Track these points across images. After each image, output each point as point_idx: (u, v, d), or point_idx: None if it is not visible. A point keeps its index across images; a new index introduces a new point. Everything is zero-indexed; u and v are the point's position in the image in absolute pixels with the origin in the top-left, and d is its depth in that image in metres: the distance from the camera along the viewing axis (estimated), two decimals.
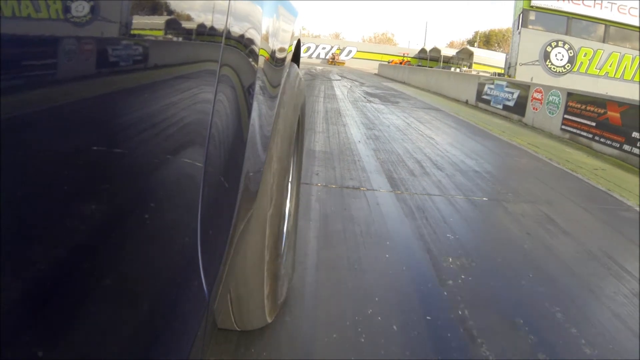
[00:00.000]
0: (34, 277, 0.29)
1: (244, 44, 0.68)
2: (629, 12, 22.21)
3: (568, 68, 22.30)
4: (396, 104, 8.74)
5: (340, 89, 11.44)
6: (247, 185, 0.75)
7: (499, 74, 22.42)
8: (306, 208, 2.33)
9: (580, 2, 21.90)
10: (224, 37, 0.57)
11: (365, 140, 4.52)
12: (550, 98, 7.46)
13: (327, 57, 45.84)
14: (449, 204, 2.71)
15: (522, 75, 20.06)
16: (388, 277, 1.71)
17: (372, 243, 2.01)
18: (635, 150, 5.40)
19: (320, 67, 27.92)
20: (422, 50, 42.30)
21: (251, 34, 0.71)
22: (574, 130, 6.66)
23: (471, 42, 57.30)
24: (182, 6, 0.46)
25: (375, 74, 25.96)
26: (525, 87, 8.43)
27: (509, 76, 20.75)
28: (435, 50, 38.76)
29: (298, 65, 1.51)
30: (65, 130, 0.31)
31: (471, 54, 33.80)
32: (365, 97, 9.65)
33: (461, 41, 67.92)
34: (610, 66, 22.59)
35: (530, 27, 22.02)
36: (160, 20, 0.42)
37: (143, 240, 0.42)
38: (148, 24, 0.40)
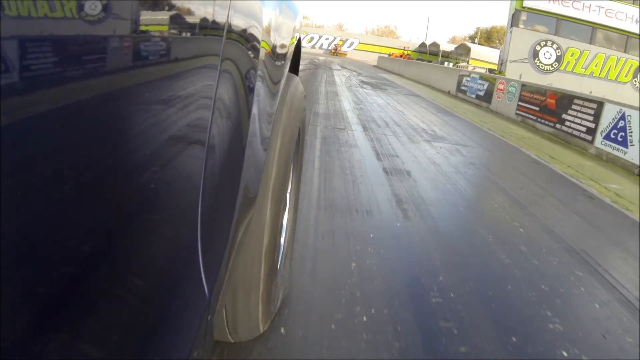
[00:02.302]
0: (33, 277, 0.29)
1: (246, 39, 0.69)
2: (615, 16, 23.84)
3: (555, 66, 23.88)
4: (384, 90, 10.66)
5: (340, 77, 13.34)
6: (247, 188, 0.76)
7: (492, 70, 24.22)
8: (314, 133, 4.25)
9: (570, 5, 23.52)
10: (225, 32, 0.57)
11: (353, 109, 6.48)
12: (510, 89, 9.31)
13: (330, 47, 47.59)
14: (396, 139, 4.65)
15: (512, 72, 21.59)
16: (354, 157, 3.65)
17: (348, 146, 3.97)
18: (564, 128, 7.25)
19: (323, 58, 29.88)
20: (422, 45, 44.06)
21: (252, 28, 0.72)
22: (525, 114, 8.52)
23: (472, 38, 58.98)
24: (184, 2, 0.46)
25: (374, 65, 27.85)
26: (493, 80, 10.30)
27: (499, 72, 22.46)
28: (435, 45, 40.53)
29: (297, 73, 1.58)
30: (65, 129, 0.31)
31: (469, 50, 35.53)
32: (359, 84, 11.57)
33: (463, 36, 69.77)
34: (595, 66, 24.21)
35: (521, 26, 23.61)
36: (161, 15, 0.42)
37: (143, 239, 0.43)
38: (148, 20, 0.40)
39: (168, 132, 0.46)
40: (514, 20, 22.94)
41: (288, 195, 1.38)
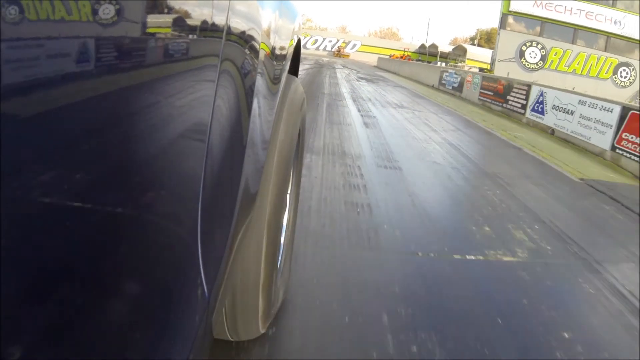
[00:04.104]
0: (33, 277, 0.30)
1: (244, 40, 0.70)
2: (595, 18, 26.18)
3: (540, 65, 26.14)
4: (376, 83, 13.48)
5: (341, 74, 16.18)
6: (247, 188, 0.78)
7: (481, 69, 26.77)
8: (322, 101, 7.05)
9: (553, 8, 25.91)
10: (224, 33, 0.59)
11: (348, 92, 9.35)
12: (475, 80, 11.99)
13: (333, 49, 50.55)
14: (373, 106, 7.46)
15: (500, 70, 23.81)
16: (345, 110, 6.48)
17: (342, 106, 6.85)
18: (508, 106, 9.89)
19: (327, 59, 32.89)
20: (422, 46, 46.82)
21: (251, 29, 0.74)
22: (484, 99, 11.18)
23: (473, 39, 61.65)
24: (183, 4, 0.48)
25: (374, 66, 30.71)
26: (464, 74, 12.99)
27: (488, 70, 24.92)
28: (433, 46, 43.26)
29: (296, 75, 1.65)
30: (68, 128, 0.32)
31: (465, 51, 38.19)
32: (356, 79, 14.41)
33: (464, 38, 72.57)
34: (577, 64, 26.50)
35: (508, 28, 25.99)
36: (160, 18, 0.43)
37: (143, 238, 0.44)
38: (149, 23, 0.41)
39: (168, 132, 0.47)
40: (502, 22, 25.41)
41: (288, 196, 1.39)
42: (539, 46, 25.77)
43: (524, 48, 25.76)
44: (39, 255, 0.30)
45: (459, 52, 39.23)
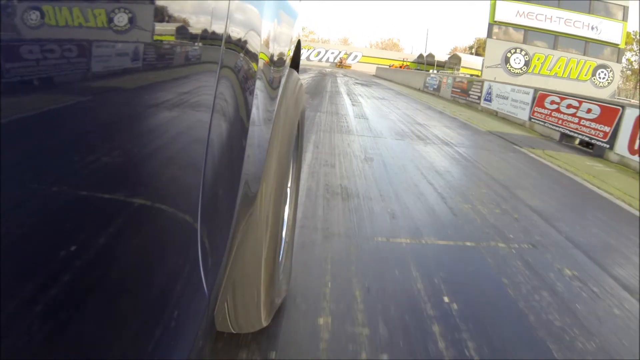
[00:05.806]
0: (33, 277, 0.30)
1: (241, 47, 0.73)
2: (573, 24, 29.04)
3: (524, 70, 28.77)
4: (369, 87, 16.92)
5: (341, 80, 19.73)
6: (247, 187, 0.80)
7: (471, 75, 29.86)
8: (325, 95, 10.41)
9: (534, 17, 28.81)
10: (223, 41, 0.62)
11: (345, 91, 12.76)
12: (448, 81, 15.24)
13: (335, 61, 54.17)
14: (362, 98, 10.91)
15: (488, 75, 26.41)
16: (341, 99, 9.88)
17: (339, 97, 10.30)
18: (469, 99, 13.09)
19: (329, 69, 36.65)
20: (420, 56, 50.29)
21: (250, 36, 0.76)
22: (455, 95, 14.41)
23: (471, 48, 65.09)
24: (183, 12, 0.50)
25: (372, 75, 34.23)
26: (441, 77, 16.27)
27: (478, 76, 27.88)
28: (431, 56, 46.69)
29: (297, 70, 1.69)
30: (67, 130, 0.33)
31: (460, 60, 41.49)
32: (354, 84, 17.89)
33: (463, 47, 76.21)
34: (558, 68, 29.14)
35: (494, 37, 28.87)
36: (163, 27, 0.46)
37: (143, 240, 0.46)
38: (155, 30, 0.44)
39: (169, 132, 0.49)
40: (489, 32, 28.35)
41: (288, 190, 1.43)
42: (523, 52, 28.65)
43: (509, 55, 28.68)
44: (39, 254, 0.31)
45: (455, 60, 42.45)
